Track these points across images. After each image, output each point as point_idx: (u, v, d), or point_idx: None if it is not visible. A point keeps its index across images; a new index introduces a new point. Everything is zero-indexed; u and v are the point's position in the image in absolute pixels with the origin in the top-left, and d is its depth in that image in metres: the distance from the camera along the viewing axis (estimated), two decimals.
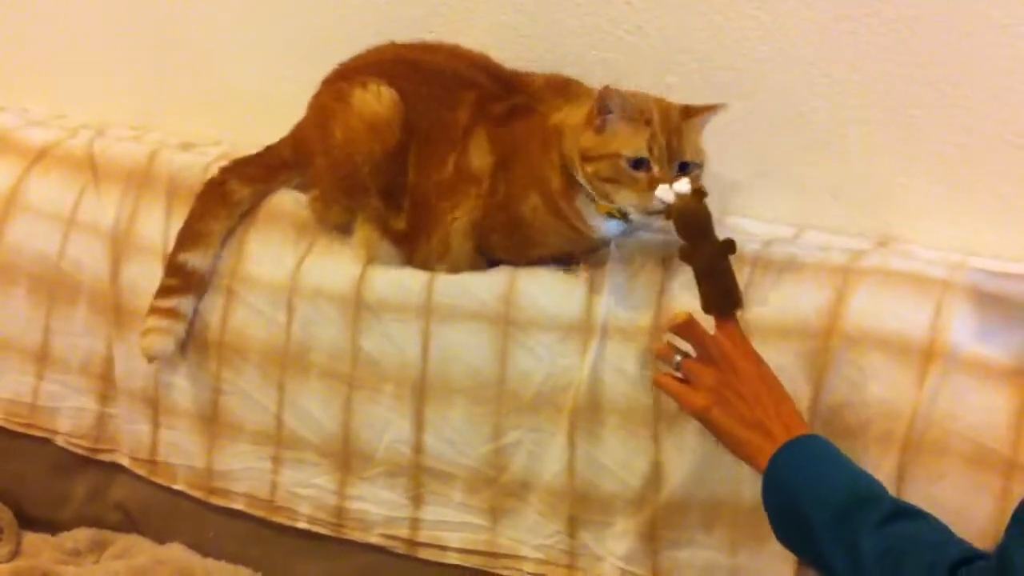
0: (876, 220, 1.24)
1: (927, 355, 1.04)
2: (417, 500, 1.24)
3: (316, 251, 1.29)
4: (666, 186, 1.04)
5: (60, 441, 1.43)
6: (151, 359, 1.29)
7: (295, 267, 1.29)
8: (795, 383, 1.05)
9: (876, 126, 1.20)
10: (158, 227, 1.36)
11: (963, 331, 1.04)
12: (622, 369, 1.14)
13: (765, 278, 1.12)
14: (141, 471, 1.39)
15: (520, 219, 1.17)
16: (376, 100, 1.22)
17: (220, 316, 1.32)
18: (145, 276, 1.36)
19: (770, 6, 1.20)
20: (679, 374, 1.02)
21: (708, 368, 0.99)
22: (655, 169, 1.06)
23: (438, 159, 1.21)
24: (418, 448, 1.23)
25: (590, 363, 1.15)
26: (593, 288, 1.17)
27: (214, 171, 1.36)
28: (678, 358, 1.02)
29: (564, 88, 1.21)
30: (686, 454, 1.12)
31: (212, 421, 1.34)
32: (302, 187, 1.34)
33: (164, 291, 1.30)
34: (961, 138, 1.17)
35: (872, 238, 1.22)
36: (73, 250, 1.41)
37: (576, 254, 1.19)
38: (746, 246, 1.22)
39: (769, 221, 1.26)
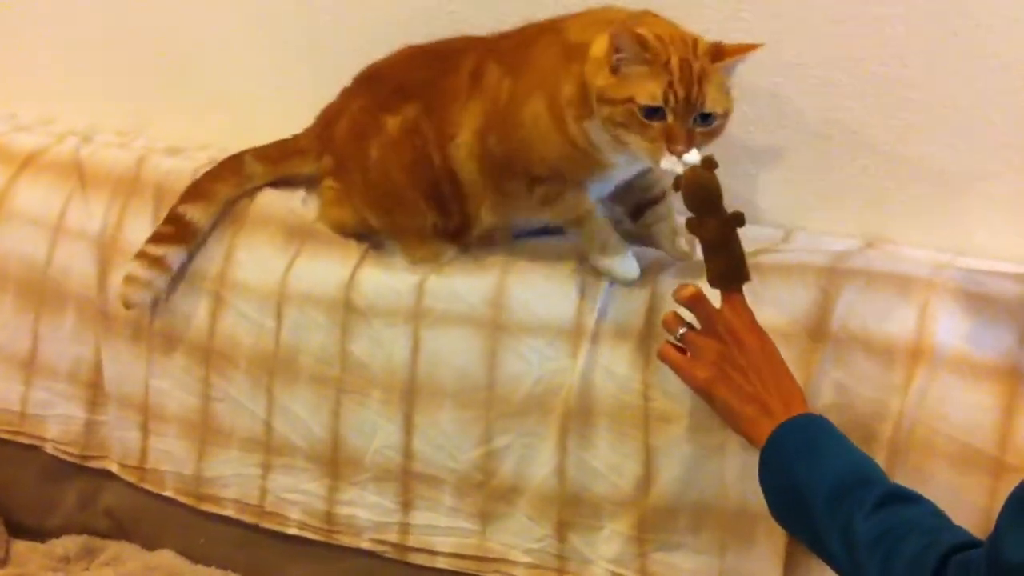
0: (864, 222, 1.24)
1: (913, 355, 1.04)
2: (407, 505, 1.24)
3: (304, 256, 1.29)
4: (674, 157, 0.98)
5: (49, 448, 1.43)
6: (128, 307, 1.30)
7: (283, 272, 1.28)
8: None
9: (863, 128, 1.20)
10: (145, 233, 1.35)
11: (949, 331, 1.05)
12: (612, 372, 1.14)
13: (752, 280, 1.11)
14: (131, 478, 1.39)
15: (519, 122, 1.10)
16: (404, 122, 1.21)
17: (209, 322, 1.32)
18: None
19: (757, 7, 1.20)
20: (682, 345, 1.02)
21: (712, 341, 0.98)
22: (669, 119, 0.99)
23: (453, 117, 1.17)
24: (407, 453, 1.23)
25: (580, 366, 1.15)
26: (584, 292, 1.17)
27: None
28: (682, 330, 1.01)
29: (600, 19, 1.10)
30: (675, 457, 1.12)
31: (201, 427, 1.33)
32: (311, 182, 1.33)
33: (156, 237, 1.30)
34: (949, 139, 1.17)
35: (860, 239, 1.22)
36: (60, 256, 1.41)
37: (570, 176, 1.13)
38: None
39: (757, 223, 1.26)
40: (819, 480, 0.89)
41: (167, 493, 1.36)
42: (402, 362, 1.22)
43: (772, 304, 1.03)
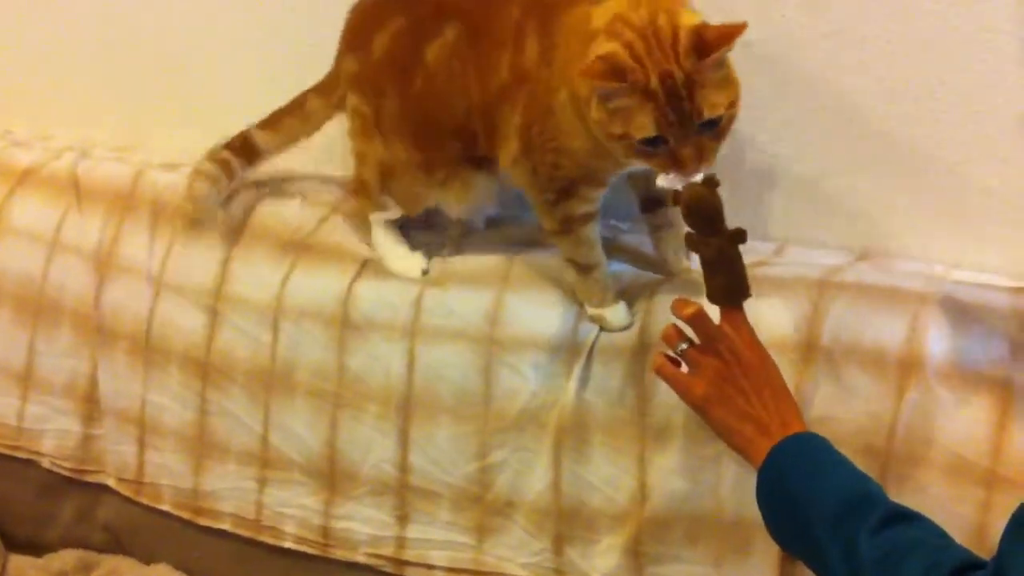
0: (859, 234, 1.24)
1: (905, 368, 1.05)
2: (403, 519, 1.24)
3: (300, 269, 1.29)
4: (672, 175, 0.96)
5: (45, 463, 1.44)
6: (194, 201, 1.28)
7: (280, 286, 1.29)
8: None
9: (856, 140, 1.20)
10: (142, 248, 1.36)
11: (940, 343, 1.05)
12: (607, 387, 1.14)
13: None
14: (127, 492, 1.39)
15: (551, 108, 1.06)
16: (443, 48, 1.15)
17: (205, 336, 1.32)
18: (129, 297, 1.37)
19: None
20: (680, 361, 1.00)
21: (711, 358, 0.96)
22: (671, 143, 0.95)
23: (493, 64, 1.11)
24: (403, 467, 1.23)
25: (575, 381, 1.15)
26: (580, 309, 1.17)
27: None
28: (683, 345, 0.99)
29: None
30: (669, 470, 1.12)
31: (198, 441, 1.34)
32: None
33: (223, 146, 1.30)
34: (943, 152, 1.17)
35: (854, 252, 1.23)
36: (57, 272, 1.42)
37: (606, 172, 1.10)
38: None
39: (750, 236, 1.26)
40: (819, 500, 0.88)
41: (164, 507, 1.37)
42: (399, 376, 1.22)
43: (763, 318, 1.03)
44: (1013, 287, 1.11)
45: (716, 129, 0.96)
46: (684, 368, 1.00)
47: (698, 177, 0.96)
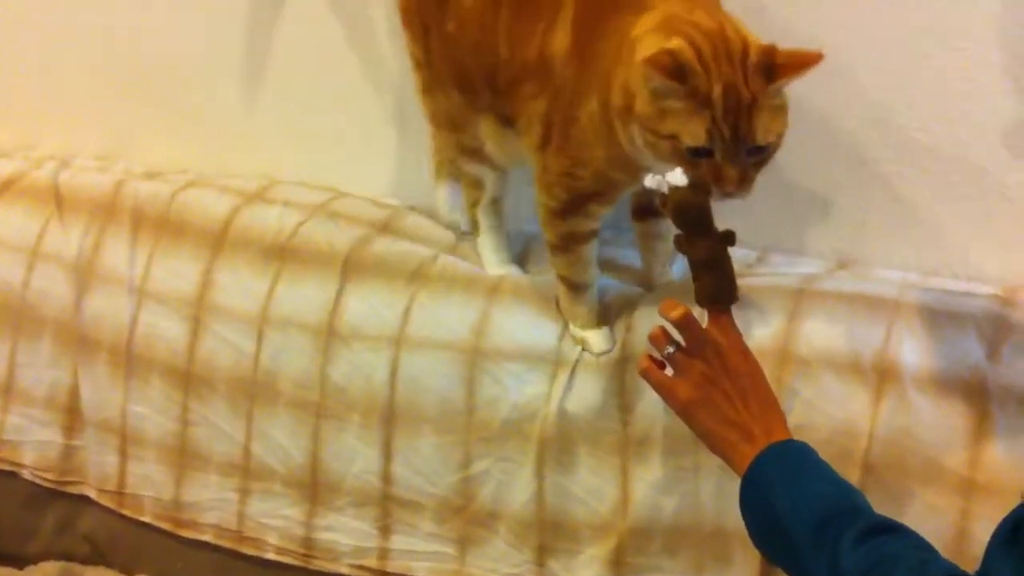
0: (839, 242, 1.25)
1: (881, 375, 1.05)
2: (386, 530, 1.24)
3: (285, 278, 1.29)
4: (659, 176, 0.93)
5: (26, 474, 1.43)
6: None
7: (266, 296, 1.28)
8: None
9: (834, 148, 1.21)
10: (123, 257, 1.36)
11: (915, 350, 1.06)
12: (590, 399, 1.15)
13: None
14: (109, 503, 1.39)
15: (575, 119, 1.04)
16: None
17: (187, 346, 1.31)
18: (110, 307, 1.36)
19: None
20: (666, 363, 0.98)
21: (697, 362, 0.94)
22: (718, 157, 0.91)
23: (526, 30, 1.06)
24: (386, 477, 1.23)
25: (557, 392, 1.15)
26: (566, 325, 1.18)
27: (180, 199, 1.36)
28: (670, 348, 0.96)
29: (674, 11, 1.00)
30: (650, 480, 1.13)
31: (180, 452, 1.33)
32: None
33: None
34: (919, 160, 1.18)
35: (835, 260, 1.23)
36: (37, 281, 1.41)
37: (620, 186, 1.08)
38: None
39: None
40: (803, 509, 0.87)
41: (145, 518, 1.36)
42: (382, 386, 1.22)
43: (741, 325, 1.03)
44: (988, 293, 1.12)
45: (761, 156, 0.93)
46: (669, 371, 0.98)
47: (683, 180, 0.92)
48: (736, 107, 0.90)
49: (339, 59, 1.40)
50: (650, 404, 1.12)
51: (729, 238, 0.95)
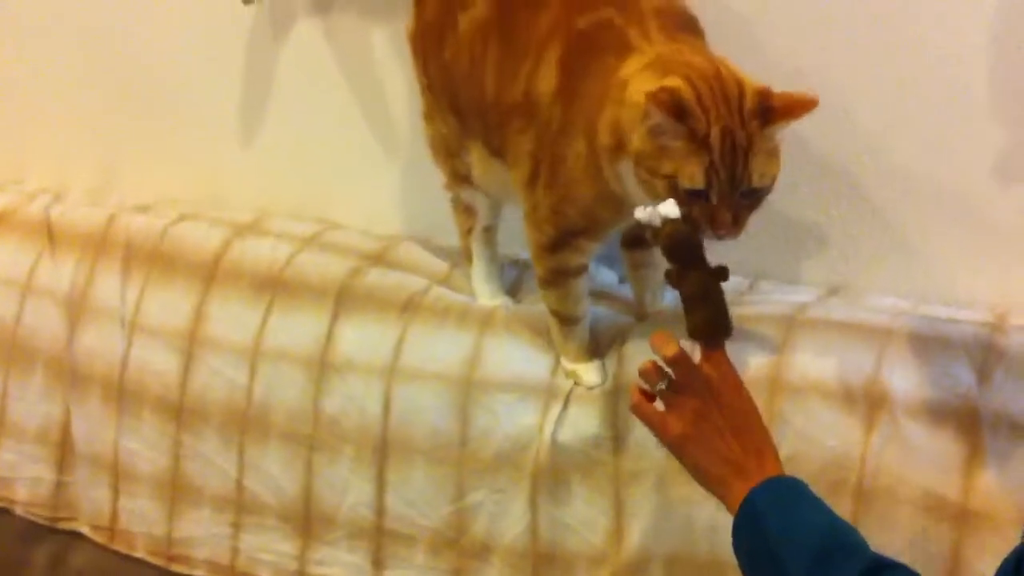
0: (830, 270, 1.25)
1: (872, 403, 1.05)
2: (379, 563, 1.23)
3: (278, 310, 1.29)
4: (651, 208, 0.92)
5: (19, 510, 1.42)
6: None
7: (258, 328, 1.28)
8: None
9: (825, 176, 1.21)
10: (114, 291, 1.36)
11: (906, 377, 1.06)
12: (583, 429, 1.14)
13: None
14: (101, 539, 1.38)
15: (563, 158, 1.04)
16: (472, 23, 1.11)
17: (179, 379, 1.31)
18: (102, 341, 1.36)
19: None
20: (657, 398, 0.95)
21: (690, 399, 0.92)
22: (713, 200, 0.92)
23: (512, 71, 1.07)
24: (380, 510, 1.22)
25: (551, 423, 1.15)
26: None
27: (172, 232, 1.36)
28: (661, 385, 0.94)
29: (672, 23, 1.03)
30: (645, 511, 1.12)
31: (172, 487, 1.33)
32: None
33: None
34: (908, 187, 1.19)
35: (826, 288, 1.24)
36: (29, 316, 1.41)
37: (608, 223, 1.09)
38: None
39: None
40: (799, 543, 0.85)
41: (138, 554, 1.36)
42: (374, 418, 1.22)
43: (732, 354, 1.03)
44: (978, 320, 1.12)
45: (754, 198, 0.94)
46: (659, 404, 0.98)
47: (676, 212, 0.92)
48: (733, 150, 0.90)
49: (333, 91, 1.41)
50: (643, 435, 1.11)
51: (722, 273, 0.94)
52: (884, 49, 1.15)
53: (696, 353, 0.95)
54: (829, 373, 1.07)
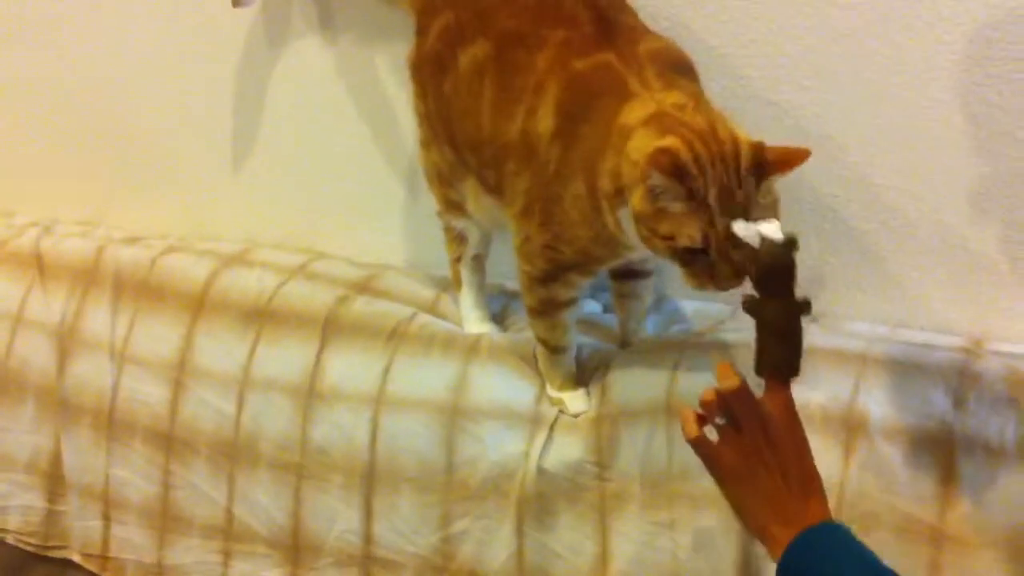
0: (809, 296, 1.27)
1: (850, 428, 1.07)
2: None
3: (266, 339, 1.30)
4: (749, 224, 0.90)
5: (10, 539, 1.43)
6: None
7: (247, 358, 1.30)
8: None
9: (803, 206, 1.23)
10: (104, 322, 1.38)
11: (883, 402, 1.08)
12: (568, 456, 1.16)
13: (694, 359, 1.15)
14: (92, 567, 1.39)
15: (559, 198, 1.05)
16: (472, 61, 1.12)
17: (169, 409, 1.33)
18: (92, 372, 1.38)
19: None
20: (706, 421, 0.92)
21: (745, 435, 0.89)
22: (712, 257, 0.93)
23: (508, 110, 1.08)
24: (367, 538, 1.23)
25: (537, 450, 1.16)
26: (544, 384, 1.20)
27: (160, 264, 1.38)
28: (720, 421, 0.91)
29: (668, 67, 1.04)
30: (629, 536, 1.13)
31: (162, 515, 1.34)
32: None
33: None
34: (884, 215, 1.21)
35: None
36: (20, 347, 1.42)
37: (601, 261, 1.11)
38: (676, 327, 1.27)
39: (704, 299, 1.29)
40: None
41: None
42: (362, 447, 1.23)
43: (710, 383, 1.04)
44: (954, 346, 1.14)
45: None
46: (711, 432, 0.92)
47: (779, 234, 0.90)
48: (731, 209, 0.91)
49: (320, 122, 1.42)
50: (626, 461, 1.13)
51: (806, 306, 0.90)
52: (860, 83, 1.17)
53: (758, 387, 0.91)
54: (808, 399, 1.08)
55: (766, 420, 0.89)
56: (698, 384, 1.02)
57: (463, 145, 1.17)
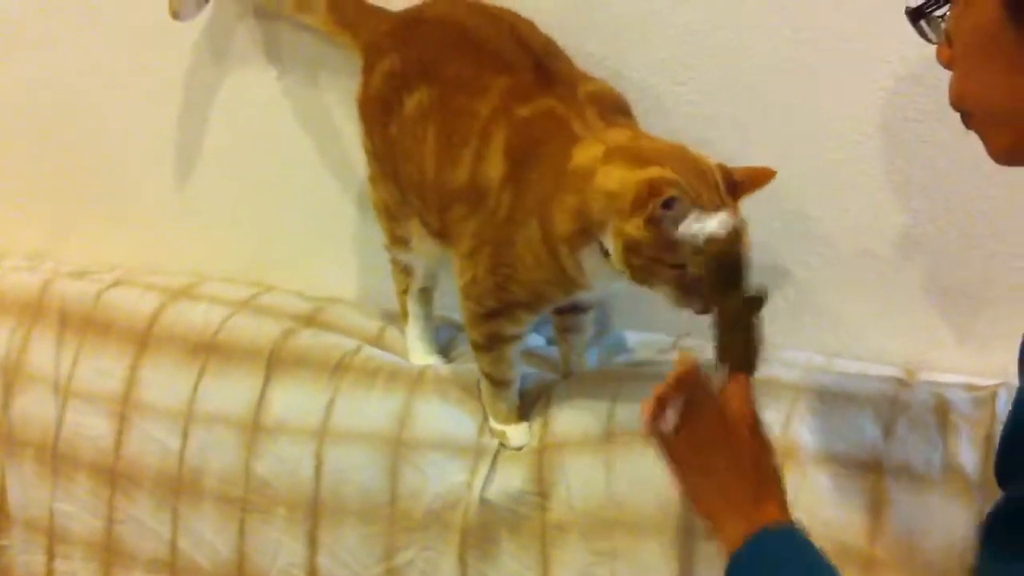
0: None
1: (782, 456, 1.07)
2: None
3: (210, 373, 1.31)
4: (699, 223, 0.92)
5: None
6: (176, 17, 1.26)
7: (191, 392, 1.30)
8: (660, 493, 1.09)
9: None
10: (49, 357, 1.37)
11: (815, 431, 1.10)
12: (510, 487, 1.17)
13: (634, 390, 1.16)
14: None
15: (512, 242, 1.07)
16: (416, 107, 1.13)
17: (113, 444, 1.32)
18: (36, 406, 1.37)
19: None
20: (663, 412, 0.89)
21: (700, 424, 0.88)
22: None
23: (453, 155, 1.10)
24: (312, 570, 1.23)
25: (479, 481, 1.17)
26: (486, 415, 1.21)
27: (106, 298, 1.38)
28: (672, 415, 0.88)
29: (608, 108, 1.07)
30: (571, 566, 1.14)
31: (106, 550, 1.33)
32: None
33: None
34: (817, 248, 1.24)
35: None
36: None
37: (553, 301, 1.13)
38: (618, 357, 1.29)
39: (648, 330, 1.32)
40: None
41: None
42: (306, 479, 1.23)
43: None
44: (886, 375, 1.17)
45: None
46: (668, 421, 0.89)
47: (723, 230, 0.92)
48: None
49: (269, 155, 1.43)
50: (566, 490, 1.15)
51: (757, 302, 0.92)
52: (790, 116, 1.20)
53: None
54: None
55: (722, 412, 0.88)
56: (637, 414, 1.04)
57: (407, 187, 1.19)
